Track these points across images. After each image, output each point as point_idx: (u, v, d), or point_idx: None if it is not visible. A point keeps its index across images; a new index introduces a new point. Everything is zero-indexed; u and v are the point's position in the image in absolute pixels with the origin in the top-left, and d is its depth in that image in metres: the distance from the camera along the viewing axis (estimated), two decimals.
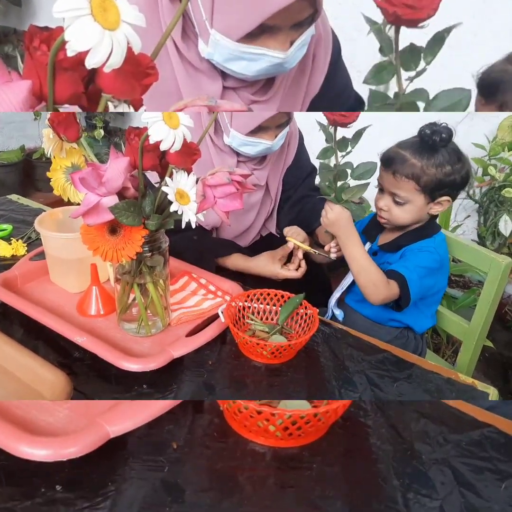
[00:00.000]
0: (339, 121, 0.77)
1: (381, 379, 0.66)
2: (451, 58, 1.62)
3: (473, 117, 1.67)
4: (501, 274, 0.93)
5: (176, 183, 0.61)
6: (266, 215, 1.09)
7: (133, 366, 0.65)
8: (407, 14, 0.43)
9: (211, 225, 1.04)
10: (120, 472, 0.48)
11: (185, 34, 0.69)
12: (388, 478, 0.49)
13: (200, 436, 0.53)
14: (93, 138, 2.36)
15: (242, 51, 0.65)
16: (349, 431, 0.55)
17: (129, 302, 0.73)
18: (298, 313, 0.79)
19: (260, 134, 0.89)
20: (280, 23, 0.63)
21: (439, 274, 0.91)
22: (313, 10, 0.65)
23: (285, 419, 0.48)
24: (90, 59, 0.30)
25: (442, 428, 0.56)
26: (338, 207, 0.85)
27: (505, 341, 1.69)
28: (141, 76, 0.34)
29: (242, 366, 0.70)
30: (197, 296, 0.84)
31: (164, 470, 0.48)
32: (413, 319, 0.95)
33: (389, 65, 0.46)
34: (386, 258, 0.94)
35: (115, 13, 0.31)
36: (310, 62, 0.82)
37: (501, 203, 1.49)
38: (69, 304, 0.81)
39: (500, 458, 0.52)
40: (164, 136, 0.52)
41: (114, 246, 0.63)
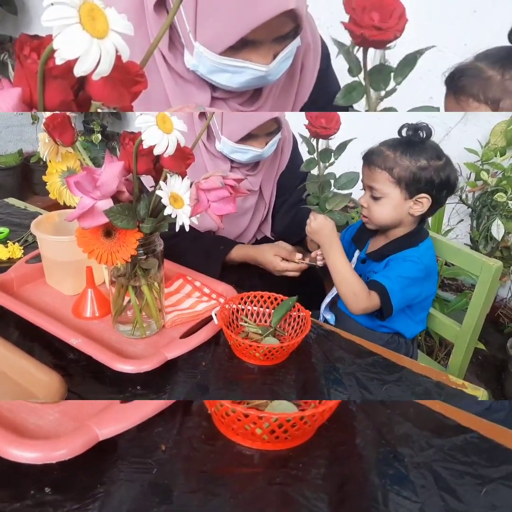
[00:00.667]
0: (320, 133, 0.77)
1: (370, 382, 0.67)
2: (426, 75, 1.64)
3: (466, 123, 1.69)
4: (492, 277, 0.94)
5: (170, 187, 0.62)
6: (261, 219, 1.10)
7: (127, 368, 0.66)
8: (374, 35, 0.44)
9: (207, 229, 1.05)
10: (109, 474, 0.49)
11: (173, 45, 0.70)
12: (371, 479, 0.50)
13: (188, 439, 0.54)
14: (90, 142, 2.37)
15: (225, 64, 0.66)
16: (335, 434, 0.56)
17: (124, 305, 0.74)
18: (291, 315, 0.80)
19: (250, 141, 0.90)
20: (261, 37, 0.64)
21: (425, 282, 0.91)
22: (295, 25, 0.66)
23: (272, 422, 0.49)
24: (78, 67, 0.31)
25: (425, 432, 0.57)
26: (321, 217, 0.86)
27: (498, 344, 1.71)
28: (130, 83, 0.35)
29: (235, 368, 0.71)
30: (191, 298, 0.85)
31: (152, 472, 0.49)
32: (402, 325, 0.95)
33: (358, 85, 0.47)
34: (372, 267, 0.94)
35: (103, 22, 0.32)
36: (298, 72, 0.83)
37: (493, 207, 1.51)
38: (65, 306, 0.81)
39: (482, 463, 0.53)
40: (158, 141, 0.53)
41: (109, 249, 0.64)
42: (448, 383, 0.70)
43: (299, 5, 0.62)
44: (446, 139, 1.73)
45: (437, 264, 0.98)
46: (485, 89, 0.66)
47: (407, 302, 0.90)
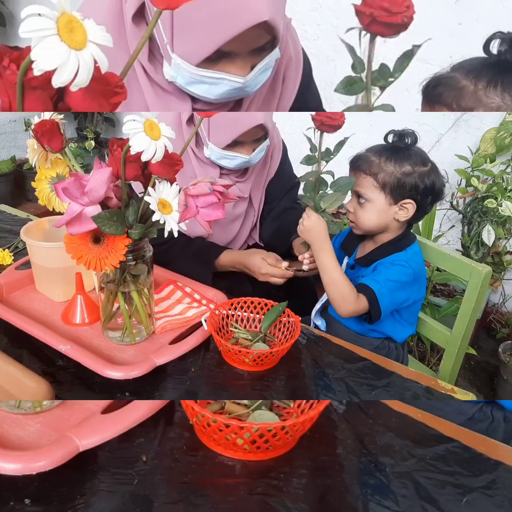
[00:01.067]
0: (326, 123, 0.75)
1: (359, 387, 0.67)
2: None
3: (457, 130, 1.71)
4: (482, 282, 0.95)
5: (159, 193, 0.63)
6: (251, 226, 1.11)
7: (116, 374, 0.66)
8: (382, 16, 0.45)
9: (197, 235, 1.05)
10: (89, 485, 0.48)
11: (153, 56, 0.71)
12: (352, 489, 0.49)
13: (169, 450, 0.53)
14: (84, 149, 2.37)
15: (202, 75, 0.66)
16: (317, 444, 0.56)
17: (114, 311, 0.74)
18: (281, 321, 0.80)
19: (237, 148, 0.90)
20: (237, 49, 0.64)
21: (413, 286, 0.91)
22: (271, 37, 0.66)
23: (253, 433, 0.49)
24: (56, 78, 0.31)
25: (407, 442, 0.56)
26: (315, 216, 0.87)
27: (491, 349, 1.72)
28: (110, 94, 0.35)
29: (224, 374, 0.71)
30: (182, 304, 0.85)
31: (133, 483, 0.49)
32: (392, 330, 0.96)
33: (359, 80, 0.48)
34: (361, 272, 0.95)
35: (81, 33, 0.32)
36: (280, 84, 0.84)
37: (484, 213, 1.52)
38: (55, 313, 0.81)
39: (463, 472, 0.53)
40: (146, 147, 0.53)
41: (97, 255, 0.64)
42: (437, 388, 0.70)
43: (274, 17, 0.62)
44: (437, 145, 1.75)
45: (425, 268, 0.99)
46: (459, 98, 0.67)
47: (395, 305, 0.91)
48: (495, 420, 0.75)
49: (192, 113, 0.91)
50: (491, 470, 0.53)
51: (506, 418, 0.76)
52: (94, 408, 0.57)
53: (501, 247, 1.66)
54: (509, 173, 1.56)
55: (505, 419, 0.76)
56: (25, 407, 0.57)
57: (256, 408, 0.57)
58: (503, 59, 0.60)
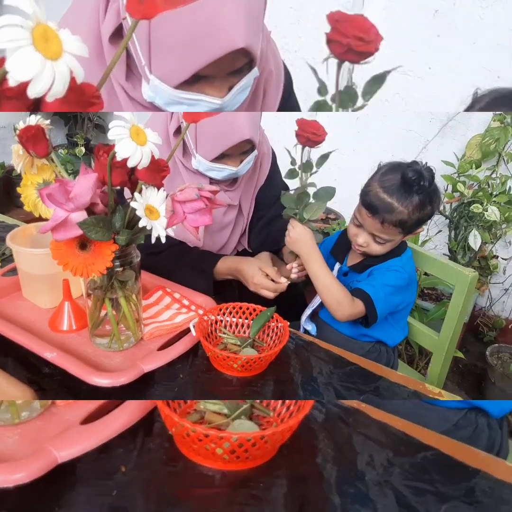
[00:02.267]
0: (312, 139, 0.77)
1: (347, 391, 0.68)
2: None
3: (443, 136, 1.73)
4: (468, 286, 0.96)
5: (146, 198, 0.63)
6: (240, 233, 1.11)
7: (103, 381, 0.65)
8: (359, 46, 0.46)
9: (187, 241, 1.05)
10: (67, 497, 0.47)
11: (132, 74, 0.71)
12: (331, 498, 0.49)
13: (149, 460, 0.53)
14: (74, 155, 2.36)
15: (181, 97, 0.66)
16: (297, 453, 0.55)
17: (101, 317, 0.74)
18: (269, 326, 0.80)
19: (224, 160, 0.90)
20: (214, 72, 0.65)
21: (407, 291, 0.93)
22: (248, 60, 0.66)
23: (232, 442, 0.49)
24: (31, 89, 0.31)
25: (387, 451, 0.56)
26: (300, 226, 0.88)
27: (478, 352, 1.73)
28: (86, 105, 0.35)
29: (213, 380, 0.71)
30: (170, 310, 0.85)
31: (112, 494, 0.48)
32: (384, 334, 0.96)
33: (325, 103, 0.49)
34: (355, 277, 0.96)
35: (57, 44, 0.32)
36: (261, 98, 0.84)
37: (470, 218, 1.54)
38: (42, 320, 0.80)
39: (442, 480, 0.53)
40: (132, 153, 0.53)
41: (84, 261, 0.64)
42: (424, 392, 0.71)
43: (251, 42, 0.62)
44: (423, 152, 1.77)
45: (416, 273, 1.00)
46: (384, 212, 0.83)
47: (390, 309, 0.92)
48: (479, 427, 0.76)
49: (179, 124, 0.91)
50: (470, 478, 0.53)
51: (490, 424, 0.77)
52: (73, 419, 0.57)
53: (487, 251, 1.68)
54: (494, 178, 1.59)
55: (488, 425, 0.77)
56: (4, 419, 0.56)
57: (236, 418, 0.57)
58: None
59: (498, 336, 1.78)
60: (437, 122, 1.72)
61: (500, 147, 1.54)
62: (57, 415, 0.58)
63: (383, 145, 1.84)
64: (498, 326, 1.77)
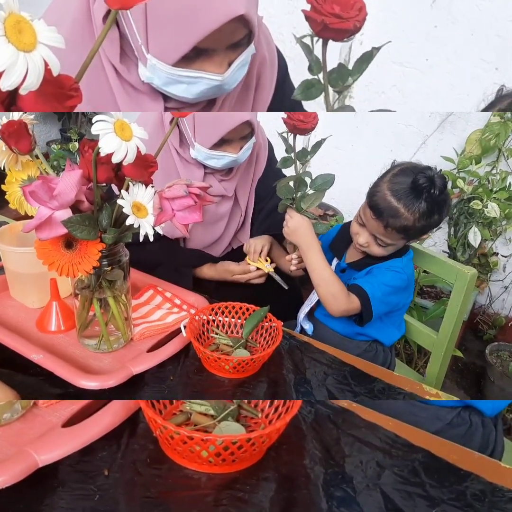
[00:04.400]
0: (298, 127, 0.76)
1: (341, 393, 0.66)
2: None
3: (443, 131, 1.71)
4: (467, 284, 0.94)
5: (133, 195, 0.61)
6: (237, 227, 1.09)
7: (91, 384, 0.63)
8: (334, 23, 0.44)
9: (178, 237, 1.03)
10: (48, 502, 0.46)
11: (126, 56, 0.69)
12: (317, 501, 0.48)
13: (133, 463, 0.51)
14: (67, 151, 2.33)
15: (180, 75, 0.65)
16: (285, 455, 0.54)
17: (90, 318, 0.72)
18: (263, 326, 0.78)
19: (224, 147, 0.89)
20: (213, 45, 0.63)
21: (405, 292, 0.91)
22: (247, 31, 0.65)
23: (217, 445, 0.47)
24: (4, 81, 0.30)
25: (376, 453, 0.55)
26: (298, 216, 0.85)
27: (478, 351, 1.71)
28: (64, 98, 0.34)
29: (204, 381, 0.69)
30: (161, 310, 0.83)
31: (94, 498, 0.47)
32: (380, 333, 0.95)
33: (317, 83, 0.47)
34: (353, 274, 0.94)
35: (31, 35, 0.31)
36: (254, 82, 0.82)
37: (470, 215, 1.52)
38: (29, 320, 0.78)
39: (432, 483, 0.51)
40: (116, 148, 0.51)
41: (70, 260, 0.62)
42: (421, 394, 0.69)
43: (249, 10, 0.61)
44: (423, 147, 1.75)
45: (414, 273, 0.98)
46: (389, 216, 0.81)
47: (387, 309, 0.90)
48: (473, 425, 0.74)
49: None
50: (461, 481, 0.51)
51: (484, 422, 0.75)
52: (55, 420, 0.55)
53: (487, 248, 1.66)
54: (494, 174, 1.56)
55: (483, 423, 0.75)
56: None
57: (222, 419, 0.55)
58: None
59: (498, 334, 1.76)
60: (436, 117, 1.70)
61: (500, 142, 1.51)
62: (39, 417, 0.57)
63: (382, 140, 1.82)
64: (498, 324, 1.75)
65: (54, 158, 2.19)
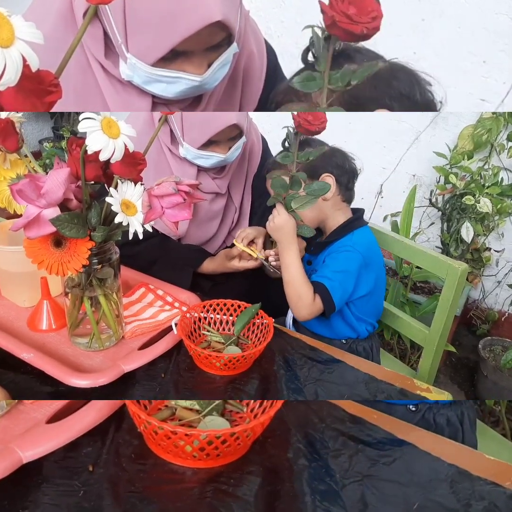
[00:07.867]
0: (302, 125, 0.75)
1: (332, 390, 0.66)
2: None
3: (435, 127, 1.71)
4: (458, 279, 0.94)
5: (122, 193, 0.60)
6: (231, 224, 1.09)
7: (82, 382, 0.63)
8: (342, 22, 0.44)
9: (169, 233, 1.02)
10: (33, 498, 0.46)
11: (111, 52, 0.69)
12: (301, 494, 0.48)
13: (118, 458, 0.52)
14: (60, 148, 2.32)
15: (159, 75, 0.65)
16: (270, 449, 0.54)
17: (81, 316, 0.72)
18: (254, 323, 0.78)
19: (212, 147, 0.89)
20: (191, 48, 0.63)
21: (363, 274, 0.89)
22: (226, 34, 0.65)
23: (201, 440, 0.47)
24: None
25: (360, 446, 0.55)
26: (286, 214, 0.85)
27: (471, 345, 1.72)
28: (43, 93, 0.33)
29: (195, 379, 0.69)
30: (153, 307, 0.83)
31: (79, 494, 0.47)
32: (346, 328, 0.95)
33: (319, 78, 0.47)
34: (315, 265, 0.95)
35: (8, 30, 0.31)
36: (241, 77, 0.82)
37: (462, 210, 1.52)
38: (20, 319, 0.78)
39: (416, 478, 0.51)
40: (103, 146, 0.51)
41: (59, 259, 0.61)
42: (412, 389, 0.69)
43: (227, 16, 0.61)
44: (415, 143, 1.75)
45: (380, 256, 0.97)
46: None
47: (347, 296, 0.89)
48: (438, 426, 0.74)
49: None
50: (446, 476, 0.51)
51: (449, 422, 0.75)
52: (40, 416, 0.55)
53: (480, 243, 1.66)
54: (486, 169, 1.57)
55: (448, 423, 0.75)
56: None
57: (207, 414, 0.55)
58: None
59: (491, 329, 1.77)
60: (428, 113, 1.70)
61: (492, 138, 1.52)
62: (23, 413, 0.57)
63: (375, 136, 1.82)
64: (491, 318, 1.76)
65: (46, 156, 2.18)
